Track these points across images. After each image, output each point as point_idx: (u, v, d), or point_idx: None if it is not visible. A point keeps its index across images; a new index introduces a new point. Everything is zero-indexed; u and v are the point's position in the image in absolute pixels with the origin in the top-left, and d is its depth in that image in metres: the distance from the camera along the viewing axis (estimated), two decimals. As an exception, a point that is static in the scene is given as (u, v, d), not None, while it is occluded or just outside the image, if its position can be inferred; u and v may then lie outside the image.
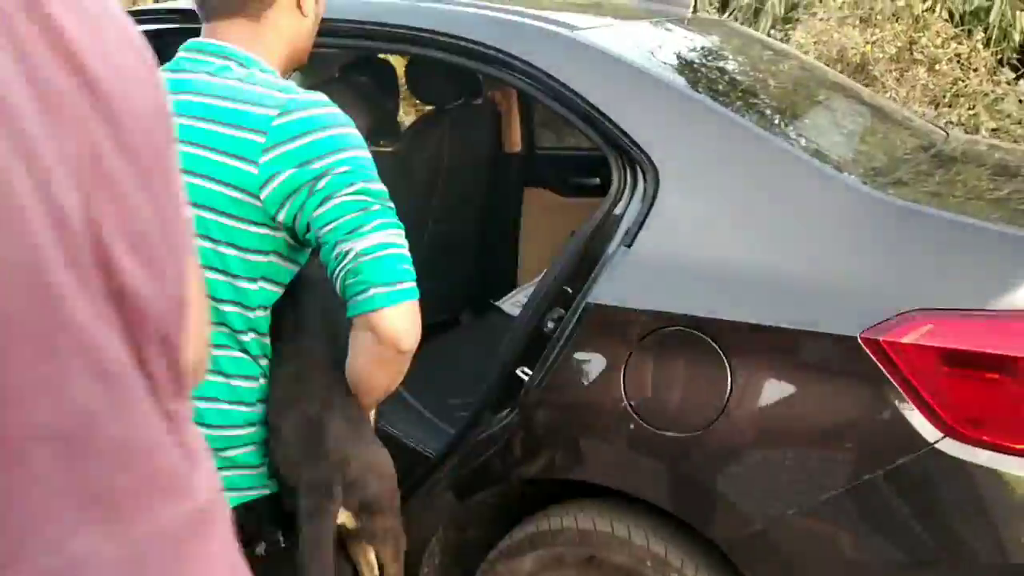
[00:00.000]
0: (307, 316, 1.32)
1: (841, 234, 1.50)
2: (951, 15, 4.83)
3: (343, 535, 1.35)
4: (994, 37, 4.86)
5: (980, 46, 4.65)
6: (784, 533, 1.49)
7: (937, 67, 4.46)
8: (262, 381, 1.31)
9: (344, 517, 1.29)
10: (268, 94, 1.23)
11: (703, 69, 1.90)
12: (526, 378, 1.68)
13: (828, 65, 4.57)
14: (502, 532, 1.83)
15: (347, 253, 1.18)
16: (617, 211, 1.64)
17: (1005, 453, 1.39)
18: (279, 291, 1.30)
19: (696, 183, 1.60)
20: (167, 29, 1.83)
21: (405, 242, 1.23)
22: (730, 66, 2.01)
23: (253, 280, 1.25)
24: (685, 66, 1.85)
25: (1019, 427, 1.39)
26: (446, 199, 2.80)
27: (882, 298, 1.43)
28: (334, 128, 1.22)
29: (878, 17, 4.52)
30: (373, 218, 1.19)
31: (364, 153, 1.24)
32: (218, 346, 1.26)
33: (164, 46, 1.33)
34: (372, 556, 1.42)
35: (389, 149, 2.35)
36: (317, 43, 1.46)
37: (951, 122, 4.49)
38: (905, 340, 1.40)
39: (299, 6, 1.34)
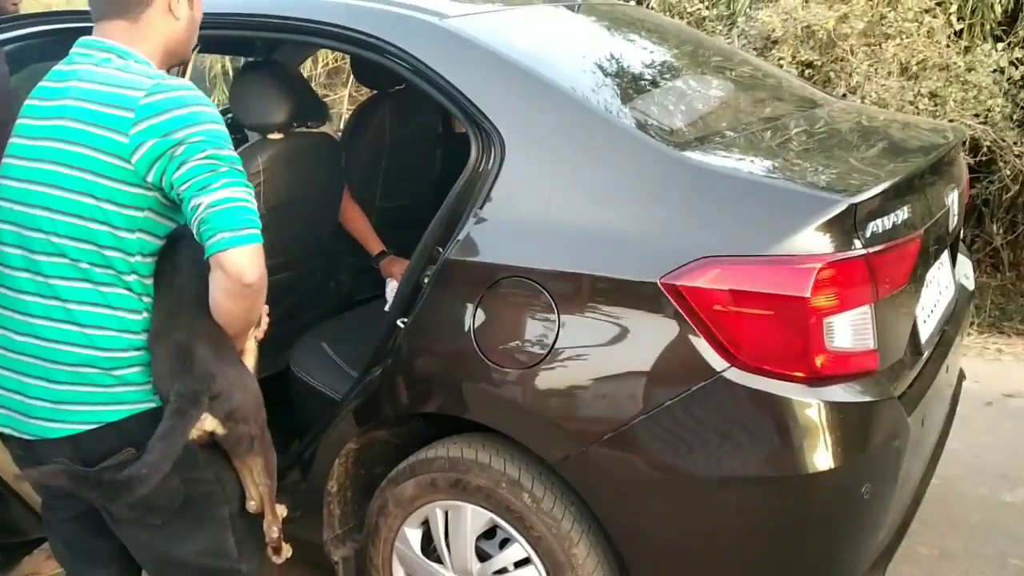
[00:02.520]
0: (180, 262, 1.58)
1: (646, 192, 1.72)
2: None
3: (223, 448, 1.63)
4: (973, 8, 4.90)
5: (953, 19, 4.71)
6: (602, 453, 1.71)
7: (907, 40, 4.55)
8: (145, 315, 1.57)
9: (213, 424, 1.55)
10: (138, 79, 1.50)
11: (560, 51, 2.11)
12: (403, 327, 1.93)
13: (796, 43, 4.70)
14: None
15: (200, 206, 1.44)
16: (473, 179, 1.87)
17: (780, 379, 1.60)
18: (157, 242, 1.56)
19: (533, 153, 1.82)
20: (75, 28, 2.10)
21: (251, 198, 1.49)
22: (591, 47, 2.21)
23: (131, 231, 1.51)
24: (542, 49, 2.06)
25: (790, 357, 1.60)
26: (391, 178, 3.03)
27: (678, 247, 1.64)
28: (191, 106, 1.48)
29: (849, -8, 4.63)
30: (220, 177, 1.45)
31: (217, 126, 1.50)
32: (106, 284, 1.52)
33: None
34: (254, 469, 1.69)
35: (323, 130, 2.58)
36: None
37: (921, 94, 4.57)
38: (696, 284, 1.61)
39: (171, 10, 1.60)
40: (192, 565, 1.68)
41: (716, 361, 1.61)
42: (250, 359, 1.71)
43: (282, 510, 1.78)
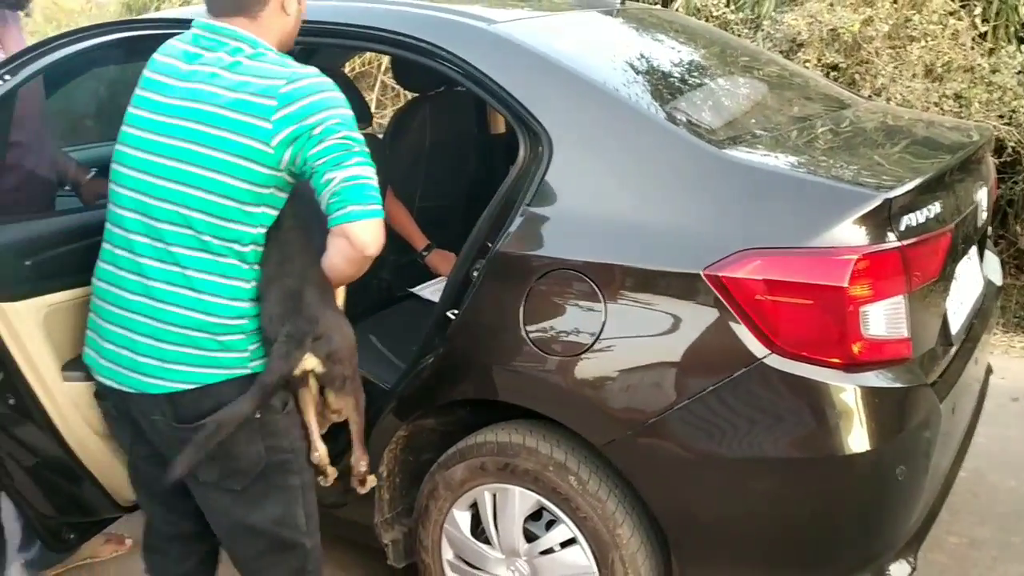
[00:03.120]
0: (282, 218, 1.72)
1: (689, 187, 1.81)
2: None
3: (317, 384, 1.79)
4: (997, 11, 4.95)
5: (978, 21, 4.77)
6: (647, 437, 1.79)
7: (932, 42, 4.60)
8: (253, 284, 1.70)
9: (314, 363, 1.71)
10: (275, 69, 1.65)
11: (602, 53, 2.20)
12: (454, 318, 2.02)
13: (821, 46, 4.77)
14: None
15: (333, 180, 1.59)
16: (522, 176, 1.96)
17: (818, 365, 1.68)
18: (275, 214, 1.71)
19: (579, 151, 1.91)
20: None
21: (375, 177, 1.63)
22: (630, 49, 2.29)
23: (257, 206, 1.66)
24: (585, 51, 2.15)
25: (828, 344, 1.68)
26: (430, 178, 3.13)
27: (720, 240, 1.72)
28: (325, 93, 1.64)
29: (873, -4, 4.70)
30: (353, 156, 1.61)
31: (348, 111, 1.66)
32: (223, 255, 1.66)
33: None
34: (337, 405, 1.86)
35: (371, 132, 2.69)
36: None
37: (945, 95, 4.63)
38: (738, 275, 1.69)
39: (283, 7, 1.74)
40: (264, 533, 1.81)
41: (757, 348, 1.69)
42: (340, 307, 1.87)
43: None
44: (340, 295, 1.86)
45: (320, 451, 1.88)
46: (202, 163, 1.62)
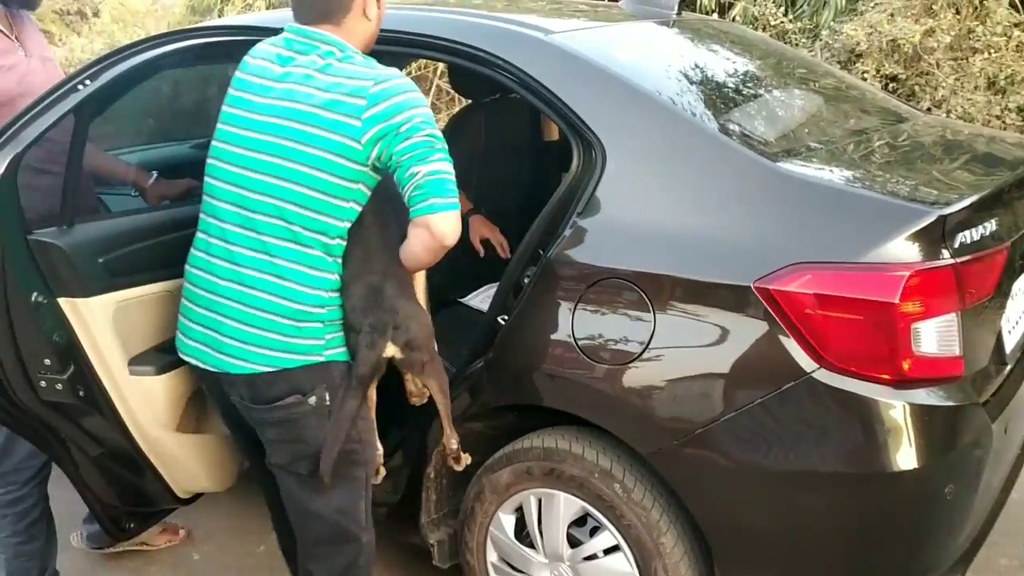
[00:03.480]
0: (363, 216, 1.82)
1: (741, 200, 1.81)
2: (1019, 3, 4.86)
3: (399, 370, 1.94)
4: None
5: (1044, 33, 4.68)
6: (693, 447, 1.81)
7: (995, 54, 4.53)
8: (335, 276, 1.81)
9: (393, 350, 1.84)
10: (364, 71, 1.76)
11: (657, 64, 2.21)
12: (503, 323, 2.06)
13: (881, 56, 4.72)
14: (494, 457, 2.21)
15: (417, 173, 1.69)
16: (575, 185, 1.99)
17: (867, 381, 1.68)
18: (360, 209, 1.81)
19: (632, 162, 1.93)
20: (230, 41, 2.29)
21: (453, 172, 1.74)
22: (685, 61, 2.31)
23: (346, 200, 1.77)
24: (641, 62, 2.17)
25: (878, 360, 1.68)
26: (483, 184, 3.17)
27: (771, 253, 1.73)
28: (409, 93, 1.75)
29: (934, 7, 4.62)
30: (436, 152, 1.71)
31: (429, 111, 1.77)
32: (310, 246, 1.77)
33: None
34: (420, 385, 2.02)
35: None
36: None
37: (1008, 108, 4.55)
38: (789, 288, 1.70)
39: (365, 12, 1.85)
40: (326, 520, 1.91)
41: (806, 362, 1.69)
42: (421, 293, 2.01)
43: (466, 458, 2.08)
44: (420, 283, 1.98)
45: (378, 449, 1.96)
46: (297, 159, 1.73)
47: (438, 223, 1.69)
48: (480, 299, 2.88)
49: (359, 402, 1.84)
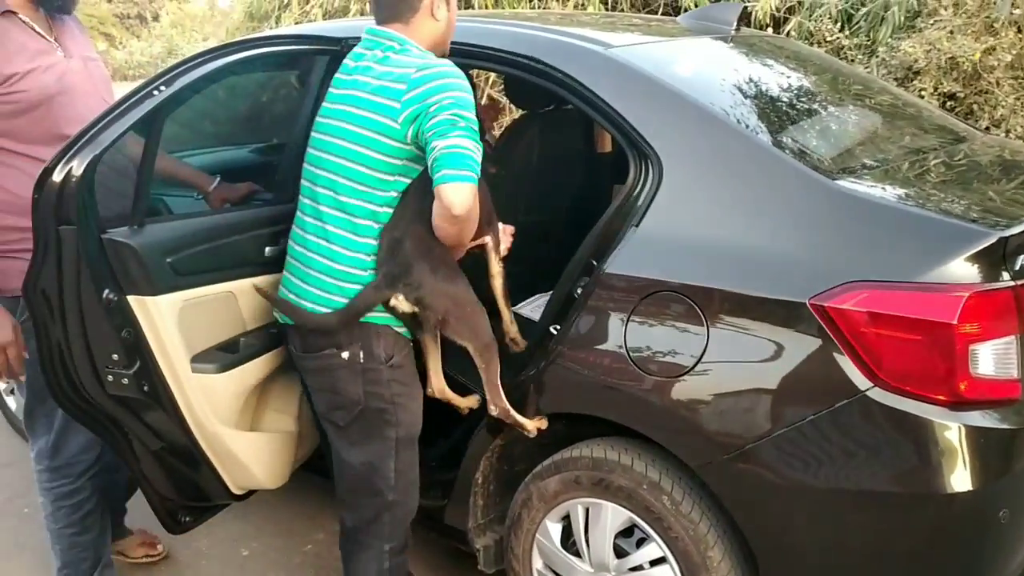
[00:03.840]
0: (410, 185, 1.98)
1: (797, 217, 1.82)
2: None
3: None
4: None
5: (1111, 52, 4.58)
6: (744, 462, 1.81)
7: (1058, 74, 4.44)
8: (378, 242, 1.98)
9: (404, 304, 1.98)
10: (411, 60, 1.93)
11: (715, 79, 2.23)
12: (556, 333, 2.08)
13: (939, 74, 4.65)
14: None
15: (436, 148, 1.82)
16: (631, 197, 2.01)
17: (922, 401, 1.67)
18: (408, 182, 1.97)
19: (689, 176, 1.95)
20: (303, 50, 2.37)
21: (477, 151, 1.84)
22: (743, 76, 2.31)
23: (392, 175, 1.95)
24: (699, 77, 2.18)
25: (934, 380, 1.67)
26: (535, 194, 3.20)
27: (827, 270, 1.74)
28: (447, 79, 1.88)
29: (996, 25, 4.55)
30: (456, 129, 1.83)
31: (465, 95, 1.87)
32: (357, 216, 1.96)
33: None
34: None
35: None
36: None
37: (1069, 130, 4.46)
38: (845, 306, 1.70)
39: (433, 13, 2.02)
40: (355, 470, 2.10)
41: (860, 380, 1.69)
42: (498, 281, 2.25)
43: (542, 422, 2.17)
44: (496, 271, 2.23)
45: (434, 385, 2.20)
46: (349, 139, 1.93)
47: (447, 193, 1.79)
48: (531, 308, 2.90)
49: (335, 321, 1.97)
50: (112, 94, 2.38)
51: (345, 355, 1.99)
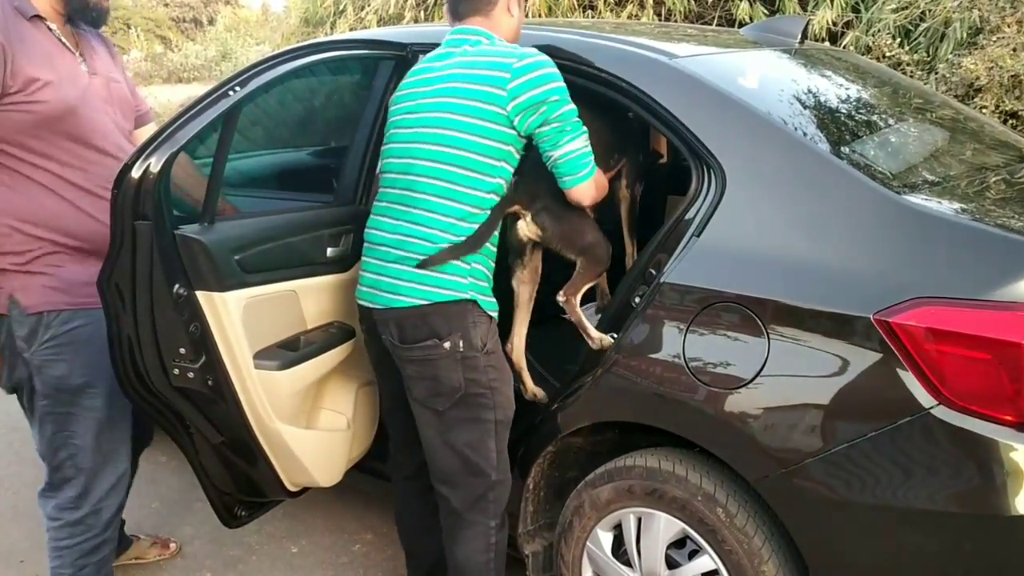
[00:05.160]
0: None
1: (862, 231, 1.80)
2: None
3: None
4: None
5: None
6: (801, 477, 1.80)
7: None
8: (475, 227, 2.06)
9: (533, 230, 2.19)
10: (508, 51, 2.05)
11: (779, 92, 2.22)
12: (613, 341, 2.09)
13: (1001, 92, 4.59)
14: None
15: (551, 157, 2.04)
16: (693, 207, 2.01)
17: (988, 421, 1.64)
18: (512, 168, 2.09)
19: (753, 188, 1.94)
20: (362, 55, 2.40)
21: (586, 143, 2.05)
22: (808, 89, 2.30)
23: (498, 160, 2.05)
24: (764, 89, 2.17)
25: (1001, 400, 1.64)
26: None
27: (892, 286, 1.72)
28: (546, 68, 2.01)
29: (1061, 43, 4.47)
30: (566, 135, 2.02)
31: (562, 84, 2.02)
32: (459, 201, 2.04)
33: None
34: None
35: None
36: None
37: None
38: (911, 322, 1.68)
39: (509, 9, 2.16)
40: (457, 450, 2.15)
41: (924, 398, 1.67)
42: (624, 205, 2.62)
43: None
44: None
45: (514, 344, 2.37)
46: (453, 127, 2.01)
47: (575, 195, 2.08)
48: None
49: (452, 254, 2.04)
50: (130, 118, 2.35)
51: (447, 345, 2.05)
